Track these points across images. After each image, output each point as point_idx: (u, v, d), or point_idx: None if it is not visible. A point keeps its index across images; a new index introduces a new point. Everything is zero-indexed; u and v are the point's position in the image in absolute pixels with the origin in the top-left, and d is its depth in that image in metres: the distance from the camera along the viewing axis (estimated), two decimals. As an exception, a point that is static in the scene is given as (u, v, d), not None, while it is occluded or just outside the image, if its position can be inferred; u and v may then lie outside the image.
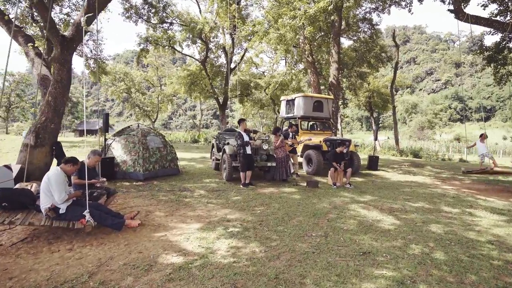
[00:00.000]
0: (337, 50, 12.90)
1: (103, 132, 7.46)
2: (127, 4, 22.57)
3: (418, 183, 8.83)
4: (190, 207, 5.39)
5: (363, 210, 5.48)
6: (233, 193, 6.51)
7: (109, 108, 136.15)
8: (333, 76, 13.02)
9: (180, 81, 28.85)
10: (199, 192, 6.54)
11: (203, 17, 24.44)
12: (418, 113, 70.48)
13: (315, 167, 9.20)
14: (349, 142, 9.69)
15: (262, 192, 6.71)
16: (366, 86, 31.80)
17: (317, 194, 6.64)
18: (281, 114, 12.36)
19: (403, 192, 7.31)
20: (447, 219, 5.12)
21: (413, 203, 6.17)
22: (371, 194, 6.95)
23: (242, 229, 4.22)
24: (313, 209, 5.36)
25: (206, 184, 7.36)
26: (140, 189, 6.65)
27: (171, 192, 6.41)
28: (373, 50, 24.61)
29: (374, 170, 11.34)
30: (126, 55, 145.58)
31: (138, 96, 47.92)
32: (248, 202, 5.75)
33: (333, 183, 7.60)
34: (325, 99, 11.15)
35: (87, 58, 21.64)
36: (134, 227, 4.10)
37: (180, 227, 4.30)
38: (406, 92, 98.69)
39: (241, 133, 7.10)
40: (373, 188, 7.67)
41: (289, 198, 6.20)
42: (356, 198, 6.40)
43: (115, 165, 7.53)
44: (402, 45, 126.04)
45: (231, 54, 28.67)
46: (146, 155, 7.62)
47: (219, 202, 5.76)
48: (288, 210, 5.26)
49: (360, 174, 10.06)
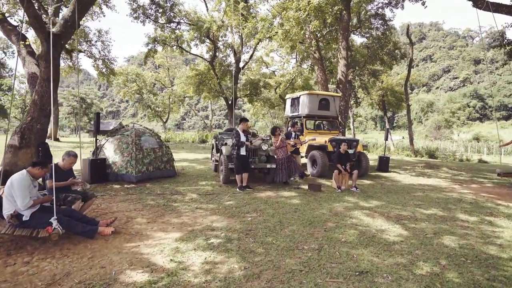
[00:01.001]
0: (345, 45, 12.27)
1: (94, 132, 7.15)
2: (134, 4, 22.57)
3: (432, 187, 8.15)
4: (176, 212, 4.97)
5: (366, 217, 4.92)
6: (227, 197, 6.06)
7: (123, 109, 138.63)
8: (341, 73, 12.40)
9: (188, 81, 28.72)
10: (191, 196, 6.13)
11: (210, 15, 24.13)
12: (434, 112, 68.21)
13: (320, 169, 8.65)
14: (356, 142, 9.09)
15: (258, 196, 6.23)
16: (379, 84, 30.82)
17: (318, 199, 6.11)
18: (286, 113, 11.85)
19: (414, 197, 6.67)
20: (463, 229, 4.51)
21: (424, 210, 5.56)
22: (378, 199, 6.36)
23: (225, 240, 3.76)
24: (310, 217, 4.84)
25: (201, 187, 6.94)
26: (130, 192, 6.30)
27: (161, 196, 6.02)
28: (386, 47, 23.74)
29: (384, 171, 10.66)
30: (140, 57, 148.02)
31: (150, 97, 48.36)
32: (240, 208, 5.28)
33: (338, 187, 7.04)
34: (331, 96, 10.56)
35: (95, 59, 21.78)
36: (107, 235, 3.70)
37: (158, 237, 3.88)
38: (422, 91, 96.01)
39: (238, 131, 6.64)
40: (381, 192, 7.06)
41: (286, 203, 5.70)
42: (361, 204, 5.83)
43: (107, 166, 7.22)
44: (418, 43, 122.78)
45: (240, 53, 28.30)
46: (139, 156, 7.27)
47: (210, 207, 5.32)
48: (282, 218, 4.76)
49: (369, 176, 9.42)
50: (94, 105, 70.94)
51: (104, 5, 19.98)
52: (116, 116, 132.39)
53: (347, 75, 12.69)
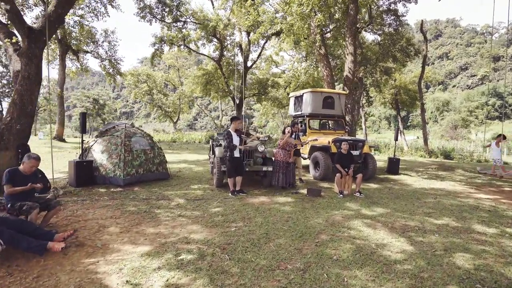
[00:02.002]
0: (352, 41, 11.61)
1: (80, 133, 6.81)
2: (141, 3, 22.45)
3: (446, 191, 7.43)
4: (155, 221, 4.53)
5: (367, 228, 4.34)
6: (216, 203, 5.58)
7: (137, 110, 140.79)
8: (349, 70, 11.74)
9: (196, 80, 28.46)
10: (177, 201, 5.68)
11: (216, 14, 23.76)
12: (450, 111, 65.91)
13: (323, 171, 8.07)
14: (362, 143, 8.46)
15: (250, 202, 5.72)
16: (391, 82, 29.78)
17: (315, 206, 5.55)
18: (289, 112, 11.29)
19: (424, 204, 6.02)
20: (480, 244, 3.88)
21: (435, 219, 4.92)
22: (384, 205, 5.74)
23: (197, 256, 3.27)
24: (303, 227, 4.31)
25: (191, 192, 6.49)
26: (114, 196, 5.91)
27: (146, 201, 5.59)
28: (399, 43, 22.82)
29: (394, 174, 9.96)
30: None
31: (160, 98, 48.59)
32: (226, 216, 4.79)
33: (339, 191, 6.45)
34: (336, 94, 9.93)
35: (101, 59, 21.76)
36: (57, 251, 3.25)
37: (124, 251, 3.44)
38: (438, 89, 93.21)
39: (230, 132, 6.16)
40: (387, 198, 6.43)
41: (279, 210, 5.17)
42: (363, 212, 5.24)
43: (95, 169, 6.87)
44: (434, 40, 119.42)
45: (248, 52, 27.86)
46: (128, 158, 6.89)
47: (194, 215, 4.86)
48: (270, 228, 4.24)
49: (376, 180, 8.77)
50: (107, 106, 72.03)
51: (109, 5, 19.94)
52: (130, 116, 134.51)
53: (355, 72, 12.02)
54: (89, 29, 20.77)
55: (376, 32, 23.94)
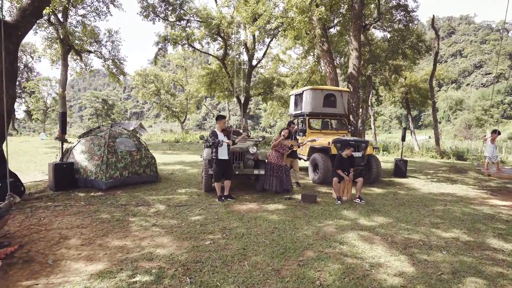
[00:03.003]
0: (357, 36, 10.96)
1: (60, 133, 6.43)
2: (144, 2, 22.21)
3: (457, 197, 6.75)
4: (125, 231, 4.06)
5: (363, 243, 3.77)
6: (198, 210, 5.09)
7: (147, 110, 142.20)
8: (353, 66, 11.09)
9: (200, 80, 28.14)
10: (157, 207, 5.21)
11: (219, 11, 23.33)
12: (464, 110, 63.91)
13: (322, 174, 7.49)
14: (365, 144, 7.84)
15: (237, 209, 5.21)
16: (402, 81, 28.82)
17: (308, 214, 5.00)
18: (289, 111, 10.73)
19: (432, 212, 5.39)
20: (496, 265, 3.27)
21: (443, 231, 4.31)
22: (386, 214, 5.14)
23: (154, 278, 2.78)
24: (288, 241, 3.77)
25: (176, 197, 6.02)
26: (91, 201, 5.49)
27: (123, 208, 5.15)
28: (409, 39, 21.96)
29: (401, 177, 9.28)
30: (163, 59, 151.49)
31: (167, 98, 48.62)
32: (205, 226, 4.29)
33: (337, 197, 5.87)
34: (338, 92, 9.32)
35: (104, 59, 21.60)
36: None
37: (74, 269, 2.97)
38: (451, 88, 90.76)
39: (216, 132, 5.66)
40: (391, 205, 5.81)
41: (266, 219, 4.64)
42: (361, 222, 4.66)
43: (76, 171, 6.47)
44: (447, 37, 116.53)
45: (253, 51, 27.36)
46: (112, 160, 6.47)
47: (170, 224, 4.37)
48: (251, 241, 3.72)
49: (381, 183, 8.13)
50: (116, 106, 72.68)
51: (111, 4, 19.75)
52: (140, 117, 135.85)
53: (360, 69, 11.36)
54: (92, 29, 20.61)
55: (386, 29, 23.16)
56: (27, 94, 42.01)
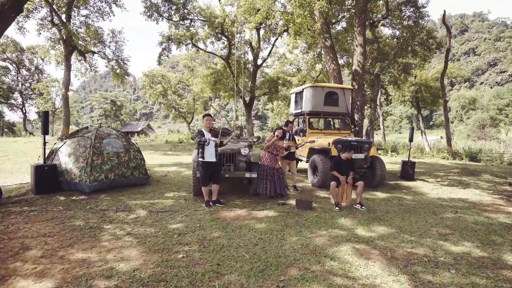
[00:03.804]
0: (361, 31, 10.42)
1: (42, 134, 6.11)
2: (147, 2, 22.04)
3: (469, 203, 6.17)
4: (94, 241, 3.69)
5: (358, 258, 3.30)
6: (181, 217, 4.68)
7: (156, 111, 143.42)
8: (358, 63, 10.55)
9: (204, 80, 27.87)
10: (138, 213, 4.83)
11: (222, 9, 22.98)
12: (477, 109, 62.06)
13: (321, 177, 7.00)
14: (368, 145, 7.31)
15: (223, 216, 4.78)
16: (411, 80, 27.96)
17: (301, 222, 4.53)
18: (290, 110, 10.26)
19: (440, 221, 4.85)
20: (515, 289, 2.75)
21: (453, 245, 3.79)
22: (387, 223, 4.63)
23: (104, 304, 2.38)
24: (272, 255, 3.32)
25: (161, 201, 5.63)
26: (70, 206, 5.14)
27: (101, 213, 4.78)
28: (418, 36, 21.21)
29: (408, 179, 8.71)
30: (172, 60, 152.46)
31: (174, 98, 48.69)
32: (183, 236, 3.88)
33: (335, 203, 5.39)
34: (341, 89, 8.80)
35: (108, 59, 21.51)
36: None
37: (18, 289, 2.60)
38: (464, 87, 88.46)
39: (202, 131, 5.25)
40: (394, 212, 5.29)
41: (252, 228, 4.19)
42: (358, 232, 4.17)
43: (61, 173, 6.16)
44: (459, 35, 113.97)
45: (258, 50, 26.95)
46: (97, 162, 6.13)
47: (145, 233, 3.98)
48: (229, 255, 3.29)
49: (385, 187, 7.59)
50: (124, 107, 73.32)
51: (114, 4, 19.63)
52: (149, 117, 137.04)
53: (364, 66, 10.80)
54: (96, 29, 20.55)
55: (395, 27, 22.46)
56: (37, 95, 42.62)
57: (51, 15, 18.48)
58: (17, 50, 43.22)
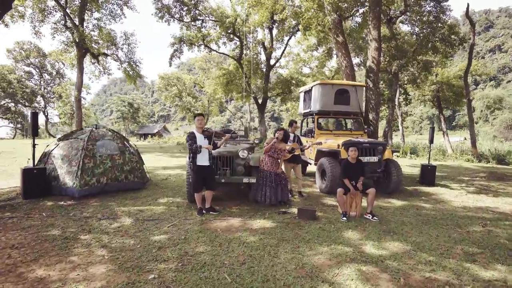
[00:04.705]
0: (376, 24, 9.71)
1: (31, 135, 5.83)
2: (159, 3, 22.01)
3: (500, 214, 5.39)
4: (63, 255, 3.28)
5: (363, 285, 2.71)
6: (167, 227, 4.22)
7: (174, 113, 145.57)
8: (372, 59, 9.83)
9: (217, 80, 27.62)
10: (123, 222, 4.42)
11: (233, 9, 22.65)
12: (504, 109, 58.85)
13: (329, 182, 6.39)
14: (382, 146, 6.63)
15: (213, 226, 4.28)
16: (432, 78, 26.61)
17: (301, 236, 3.97)
18: (299, 110, 9.68)
19: (467, 236, 4.15)
20: None
21: (482, 268, 3.13)
22: (403, 237, 3.99)
23: None
24: (259, 278, 2.79)
25: (152, 208, 5.20)
26: (54, 212, 4.81)
27: (83, 221, 4.40)
28: (439, 31, 20.08)
29: (428, 185, 7.93)
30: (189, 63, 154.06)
31: (189, 100, 48.98)
32: (164, 250, 3.41)
33: (343, 212, 4.78)
34: (352, 87, 8.14)
35: (120, 62, 21.60)
36: None
37: (-51, 319, 2.19)
38: (489, 85, 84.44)
39: (194, 133, 4.79)
40: (411, 224, 4.63)
41: (243, 242, 3.67)
42: (367, 249, 3.56)
43: (52, 177, 5.86)
44: (484, 32, 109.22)
45: (271, 49, 26.44)
46: (89, 165, 5.80)
47: (123, 245, 3.54)
48: (207, 278, 2.79)
49: (402, 194, 6.87)
50: (141, 109, 74.47)
51: (125, 6, 19.67)
52: (166, 119, 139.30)
53: (379, 62, 10.06)
54: (109, 32, 20.66)
55: (414, 23, 21.41)
56: (57, 99, 43.91)
57: (64, 19, 18.70)
58: (40, 55, 44.72)
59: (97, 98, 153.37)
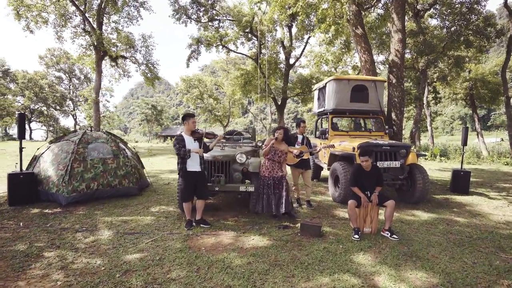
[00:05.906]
0: (400, 14, 8.76)
1: (19, 138, 5.51)
2: (176, 5, 21.95)
3: (554, 232, 4.38)
4: (13, 277, 2.81)
5: None
6: (146, 243, 3.66)
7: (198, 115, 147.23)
8: (395, 52, 8.88)
9: (235, 81, 27.22)
10: (100, 235, 3.92)
11: (250, 7, 22.13)
12: (548, 108, 54.04)
13: (343, 190, 5.60)
14: (406, 149, 5.74)
15: (198, 243, 3.67)
16: (465, 75, 24.69)
17: (300, 259, 3.26)
18: (314, 109, 8.90)
19: None
20: None
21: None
22: (429, 264, 3.17)
23: None
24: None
25: (140, 218, 4.68)
26: (33, 221, 4.41)
27: (58, 233, 3.95)
28: (473, 24, 18.48)
29: (461, 193, 6.90)
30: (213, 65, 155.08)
31: (210, 102, 49.24)
32: (129, 275, 2.84)
33: (355, 229, 4.01)
34: (371, 82, 7.25)
35: (138, 64, 21.71)
36: None
37: None
38: (529, 82, 78.27)
39: (182, 136, 4.22)
40: (440, 245, 3.77)
41: (228, 266, 3.03)
42: (381, 280, 2.80)
43: (39, 182, 5.53)
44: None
45: (290, 48, 25.69)
46: (78, 169, 5.41)
47: (88, 266, 3.02)
48: (165, 321, 2.17)
49: (430, 204, 5.93)
50: (164, 111, 75.91)
51: (141, 7, 19.72)
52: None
53: (403, 55, 9.06)
54: (127, 35, 20.82)
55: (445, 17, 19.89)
56: (83, 102, 45.61)
57: (83, 23, 19.01)
58: (69, 60, 46.63)
59: (125, 101, 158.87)
